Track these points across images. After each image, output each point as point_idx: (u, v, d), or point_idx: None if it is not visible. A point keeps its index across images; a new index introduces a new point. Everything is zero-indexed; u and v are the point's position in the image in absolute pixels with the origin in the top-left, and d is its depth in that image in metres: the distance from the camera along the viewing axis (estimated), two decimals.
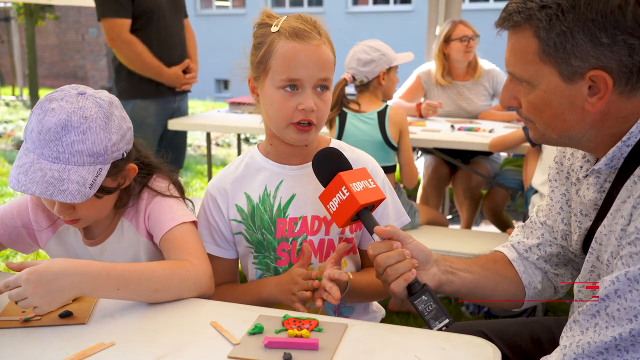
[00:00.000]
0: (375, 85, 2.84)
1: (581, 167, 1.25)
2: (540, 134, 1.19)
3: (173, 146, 3.62)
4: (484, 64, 3.86)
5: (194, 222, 1.42)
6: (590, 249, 1.19)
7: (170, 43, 3.43)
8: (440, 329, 1.15)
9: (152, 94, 3.40)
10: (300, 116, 1.33)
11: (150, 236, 1.44)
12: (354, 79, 2.81)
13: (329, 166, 1.29)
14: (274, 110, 1.35)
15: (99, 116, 1.27)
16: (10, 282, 1.15)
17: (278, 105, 1.34)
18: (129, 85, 3.38)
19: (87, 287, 1.18)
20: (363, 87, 2.85)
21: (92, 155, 1.27)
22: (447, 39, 3.70)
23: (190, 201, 1.50)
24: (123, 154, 1.34)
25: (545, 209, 1.40)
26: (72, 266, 1.18)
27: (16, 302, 1.16)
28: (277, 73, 1.32)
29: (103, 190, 1.32)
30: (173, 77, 3.43)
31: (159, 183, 1.46)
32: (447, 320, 1.16)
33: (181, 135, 3.76)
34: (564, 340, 1.09)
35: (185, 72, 3.52)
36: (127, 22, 3.24)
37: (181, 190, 1.50)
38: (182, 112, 3.70)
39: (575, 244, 1.30)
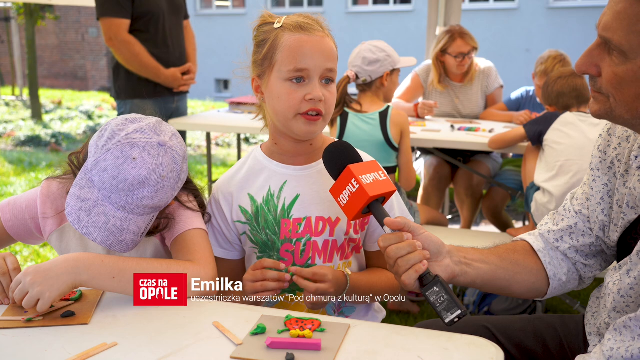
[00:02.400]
0: (378, 85, 2.84)
1: (637, 156, 1.20)
2: (609, 110, 1.13)
3: None
4: (480, 62, 3.88)
5: (206, 231, 1.43)
6: None
7: (169, 44, 3.43)
8: (452, 321, 1.13)
9: (151, 94, 3.40)
10: (308, 106, 1.33)
11: (162, 238, 1.45)
12: (357, 77, 2.81)
13: (339, 159, 1.29)
14: (281, 102, 1.35)
15: (172, 175, 1.31)
16: (13, 284, 1.21)
17: (285, 97, 1.34)
18: (127, 85, 3.38)
19: (83, 274, 1.21)
20: (365, 87, 2.85)
21: (153, 208, 1.31)
22: (444, 51, 3.72)
23: (210, 214, 1.50)
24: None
25: (582, 198, 1.36)
26: (68, 255, 1.24)
27: (21, 306, 1.20)
28: (284, 65, 1.33)
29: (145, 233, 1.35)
30: (171, 78, 3.43)
31: (181, 194, 1.47)
32: (459, 312, 1.13)
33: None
34: (610, 342, 1.07)
35: (183, 73, 3.52)
36: (125, 22, 3.24)
37: (202, 205, 1.50)
38: (181, 112, 3.70)
39: (616, 236, 1.27)
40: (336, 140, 1.35)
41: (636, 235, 1.20)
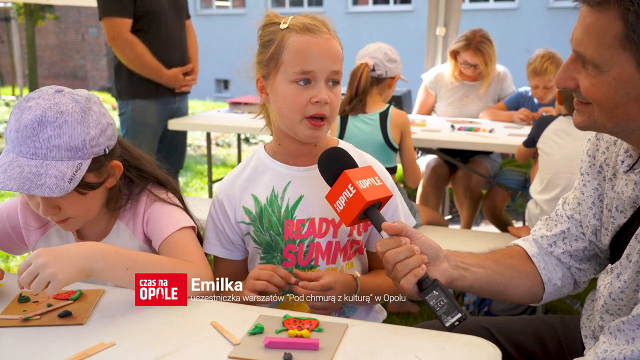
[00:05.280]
0: (385, 85, 2.85)
1: (622, 161, 1.20)
2: (592, 121, 1.14)
3: (173, 147, 3.63)
4: (497, 67, 3.87)
5: (193, 228, 1.43)
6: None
7: (170, 44, 3.43)
8: (453, 324, 1.13)
9: (153, 95, 3.40)
10: (313, 110, 1.33)
11: (147, 240, 1.44)
12: (373, 69, 2.79)
13: (335, 165, 1.28)
14: (286, 104, 1.35)
15: (75, 110, 1.28)
16: (21, 267, 1.17)
17: (291, 98, 1.34)
18: (129, 85, 3.38)
19: (98, 261, 1.20)
20: (374, 82, 2.83)
21: (70, 150, 1.27)
22: (457, 52, 3.74)
23: (194, 216, 1.50)
24: (105, 150, 1.34)
25: (573, 203, 1.36)
26: (81, 242, 1.24)
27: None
28: (290, 67, 1.33)
29: (86, 186, 1.32)
30: (172, 79, 3.43)
31: (158, 190, 1.47)
32: (459, 315, 1.13)
33: (181, 136, 3.76)
34: (605, 345, 1.08)
35: (185, 74, 3.52)
36: (128, 22, 3.24)
37: (180, 198, 1.49)
38: (182, 112, 3.70)
39: (607, 239, 1.28)
40: (335, 146, 1.34)
41: (627, 238, 1.20)
